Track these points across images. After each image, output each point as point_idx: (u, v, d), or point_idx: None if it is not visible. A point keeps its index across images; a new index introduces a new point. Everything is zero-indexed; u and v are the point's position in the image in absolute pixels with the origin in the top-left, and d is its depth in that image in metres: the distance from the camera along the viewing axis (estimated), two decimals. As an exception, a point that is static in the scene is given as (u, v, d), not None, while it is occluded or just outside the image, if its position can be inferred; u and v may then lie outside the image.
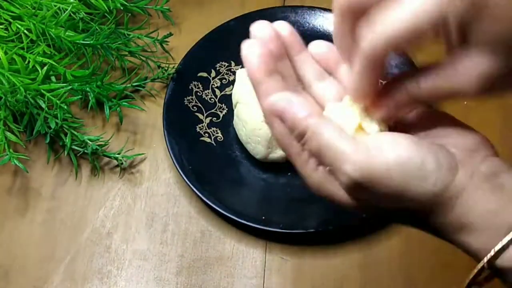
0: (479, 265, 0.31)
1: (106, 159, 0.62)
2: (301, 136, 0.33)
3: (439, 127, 0.34)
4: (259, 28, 0.35)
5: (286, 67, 0.36)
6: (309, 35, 0.68)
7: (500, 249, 0.30)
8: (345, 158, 0.31)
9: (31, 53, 0.61)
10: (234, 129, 0.62)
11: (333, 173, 0.32)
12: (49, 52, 0.61)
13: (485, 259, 0.31)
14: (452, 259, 0.56)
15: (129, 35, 0.65)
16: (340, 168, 0.31)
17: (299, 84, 0.37)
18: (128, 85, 0.64)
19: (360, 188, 0.31)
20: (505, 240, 0.30)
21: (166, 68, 0.65)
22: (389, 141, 0.32)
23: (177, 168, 0.58)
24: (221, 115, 0.64)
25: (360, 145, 0.31)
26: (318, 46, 0.37)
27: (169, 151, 0.59)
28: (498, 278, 0.32)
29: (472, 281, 0.32)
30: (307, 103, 0.33)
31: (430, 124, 0.35)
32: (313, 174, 0.34)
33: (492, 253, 0.30)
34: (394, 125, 0.36)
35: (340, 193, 0.33)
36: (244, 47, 0.34)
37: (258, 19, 0.71)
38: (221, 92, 0.66)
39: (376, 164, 0.30)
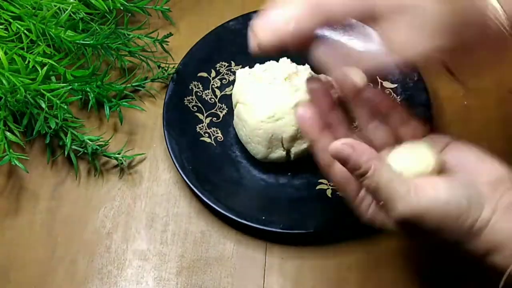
0: (502, 282, 0.38)
1: (106, 159, 0.62)
2: (362, 175, 0.38)
3: (471, 162, 0.40)
4: (313, 86, 0.42)
5: (338, 115, 0.42)
6: (309, 35, 0.68)
7: None
8: (398, 198, 0.37)
9: (31, 53, 0.61)
10: (234, 129, 0.62)
11: (385, 208, 0.39)
12: (49, 52, 0.61)
13: (506, 275, 0.37)
14: (452, 259, 0.56)
15: (129, 35, 0.65)
16: (392, 206, 0.38)
17: (351, 128, 0.43)
18: (128, 85, 0.64)
19: (407, 223, 0.38)
20: None
21: (166, 68, 0.65)
22: (433, 185, 0.38)
23: (177, 168, 0.58)
24: (221, 115, 0.64)
25: (411, 187, 0.37)
26: (371, 92, 0.42)
27: (169, 151, 0.59)
28: None
29: None
30: (365, 146, 0.39)
31: (463, 158, 0.41)
32: (368, 209, 0.42)
33: (511, 268, 0.37)
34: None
35: (389, 224, 0.40)
36: (298, 111, 0.41)
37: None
38: (221, 92, 0.66)
39: (422, 204, 0.37)
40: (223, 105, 0.65)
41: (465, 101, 0.65)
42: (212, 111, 0.64)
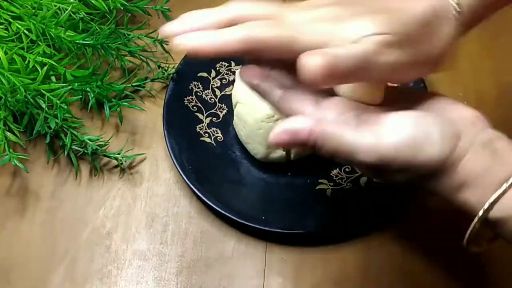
0: (476, 218, 0.35)
1: (106, 159, 0.62)
2: (313, 147, 0.36)
3: (441, 105, 0.38)
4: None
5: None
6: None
7: (493, 201, 0.35)
8: (355, 150, 0.35)
9: (31, 53, 0.61)
10: (234, 129, 0.62)
11: (349, 162, 0.37)
12: (49, 52, 0.61)
13: (481, 211, 0.35)
14: (452, 259, 0.56)
15: (129, 35, 0.65)
16: (354, 160, 0.36)
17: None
18: (128, 85, 0.64)
19: (374, 169, 0.36)
20: (497, 193, 0.35)
21: (166, 68, 0.65)
22: (395, 121, 0.36)
23: (177, 168, 0.58)
24: (221, 115, 0.64)
25: (366, 133, 0.35)
26: None
27: (169, 151, 0.59)
28: (493, 233, 0.36)
29: (470, 238, 0.36)
30: (299, 121, 0.36)
31: (431, 103, 0.39)
32: None
33: (486, 205, 0.35)
34: (395, 104, 0.38)
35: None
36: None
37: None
38: (221, 92, 0.66)
39: (385, 146, 0.35)
40: (223, 105, 0.65)
41: (465, 101, 0.65)
42: (212, 111, 0.64)
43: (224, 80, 0.66)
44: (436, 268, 0.55)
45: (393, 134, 0.35)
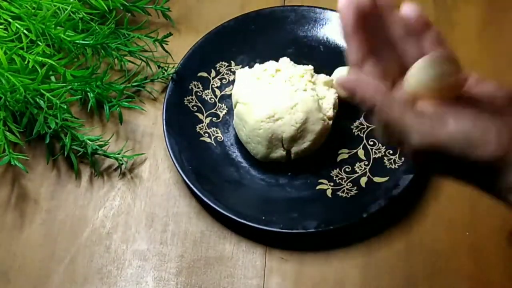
0: None
1: (106, 159, 0.62)
2: (370, 111, 0.37)
3: (500, 97, 0.38)
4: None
5: (375, 25, 0.39)
6: (309, 35, 0.68)
7: None
8: (410, 130, 0.35)
9: (30, 53, 0.60)
10: (234, 129, 0.62)
11: (399, 143, 0.37)
12: (49, 52, 0.61)
13: None
14: (452, 260, 0.56)
15: (129, 35, 0.65)
16: (406, 139, 0.35)
17: (382, 43, 0.40)
18: (128, 85, 0.64)
19: (425, 155, 0.36)
20: None
21: (166, 68, 0.65)
22: (452, 113, 0.35)
23: (177, 168, 0.58)
24: (221, 115, 0.64)
25: (424, 117, 0.35)
26: (409, 9, 0.39)
27: (169, 151, 0.59)
28: None
29: None
30: (370, 82, 0.37)
31: (490, 92, 0.38)
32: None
33: None
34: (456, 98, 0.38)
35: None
36: (341, 2, 0.38)
37: (258, 19, 0.72)
38: (221, 92, 0.66)
39: (440, 134, 0.35)
40: (223, 105, 0.65)
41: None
42: (212, 111, 0.64)
43: (224, 80, 0.66)
44: (436, 269, 0.55)
45: (450, 125, 0.35)
